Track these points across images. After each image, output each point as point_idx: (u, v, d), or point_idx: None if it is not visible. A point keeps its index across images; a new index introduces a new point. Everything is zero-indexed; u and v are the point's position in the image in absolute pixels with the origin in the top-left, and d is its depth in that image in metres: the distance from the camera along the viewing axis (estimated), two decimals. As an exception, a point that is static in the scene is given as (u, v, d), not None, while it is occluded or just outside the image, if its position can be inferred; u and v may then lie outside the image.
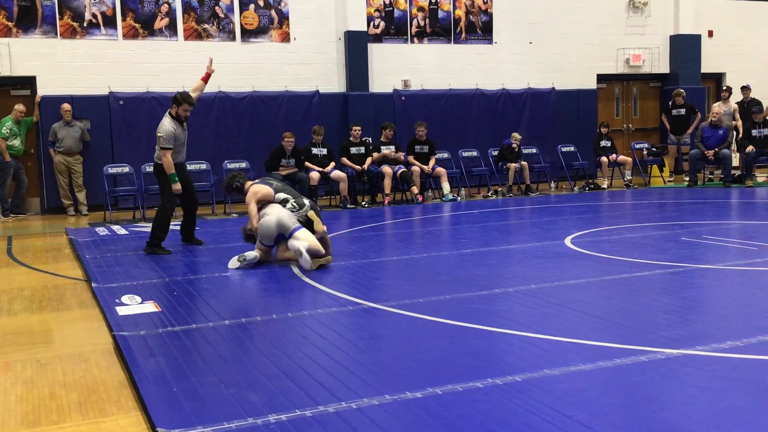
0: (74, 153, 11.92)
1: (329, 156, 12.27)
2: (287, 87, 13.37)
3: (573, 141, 14.84)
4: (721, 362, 3.82)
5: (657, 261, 6.53)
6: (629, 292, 5.57)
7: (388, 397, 3.39)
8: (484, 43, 14.84)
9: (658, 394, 3.41)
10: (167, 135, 7.69)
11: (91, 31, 12.29)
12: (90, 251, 8.00)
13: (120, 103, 12.38)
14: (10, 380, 4.01)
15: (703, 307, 5.20)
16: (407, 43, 14.31)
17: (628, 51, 15.86)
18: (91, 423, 3.36)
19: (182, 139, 7.89)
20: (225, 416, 3.23)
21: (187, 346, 4.42)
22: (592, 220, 9.89)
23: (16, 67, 11.90)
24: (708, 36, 16.37)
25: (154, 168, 8.02)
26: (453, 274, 6.38)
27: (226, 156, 12.50)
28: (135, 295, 5.72)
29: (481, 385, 3.51)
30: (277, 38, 13.43)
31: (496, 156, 13.83)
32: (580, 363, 3.79)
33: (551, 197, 12.93)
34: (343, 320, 4.98)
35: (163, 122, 7.79)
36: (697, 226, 8.70)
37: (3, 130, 11.55)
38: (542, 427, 3.03)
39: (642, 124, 16.58)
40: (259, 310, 5.44)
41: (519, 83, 14.95)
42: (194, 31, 12.89)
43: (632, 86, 16.49)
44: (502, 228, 9.59)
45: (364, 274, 6.51)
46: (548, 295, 5.37)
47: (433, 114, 14.06)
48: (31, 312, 5.67)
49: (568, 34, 15.31)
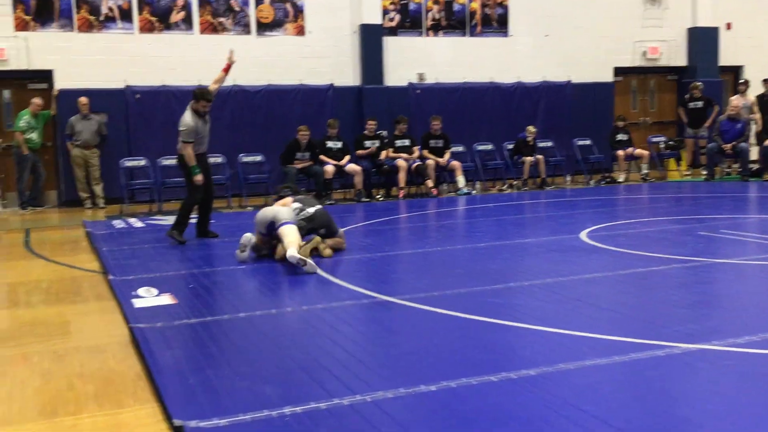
0: (91, 146, 12.00)
1: (344, 149, 12.27)
2: (302, 80, 13.38)
3: (589, 134, 14.74)
4: (737, 357, 3.79)
5: (673, 255, 6.48)
6: (645, 286, 5.54)
7: (403, 391, 3.40)
8: (500, 36, 14.77)
9: (673, 388, 3.40)
10: (188, 129, 7.79)
11: (107, 25, 12.35)
12: (107, 244, 8.06)
13: (136, 96, 12.44)
14: (27, 372, 4.06)
15: (719, 301, 5.16)
16: (422, 36, 14.28)
17: (645, 43, 15.73)
18: (108, 414, 3.39)
19: (203, 132, 7.99)
20: (240, 408, 3.25)
21: (203, 338, 4.45)
22: (607, 214, 9.84)
23: (33, 60, 11.98)
24: (726, 28, 16.19)
25: (178, 160, 8.17)
26: (467, 267, 6.37)
27: (242, 149, 12.53)
28: (151, 288, 5.76)
29: (496, 379, 3.51)
30: (293, 32, 13.44)
31: (511, 149, 13.78)
32: (595, 357, 3.78)
33: (567, 191, 12.87)
34: (358, 313, 4.99)
35: (184, 116, 7.91)
36: (715, 220, 8.63)
37: (21, 124, 11.64)
38: (557, 421, 3.03)
39: (659, 118, 16.45)
40: (274, 303, 5.46)
41: (534, 76, 14.87)
42: (210, 25, 12.93)
43: (649, 79, 16.36)
44: (517, 222, 9.56)
45: (378, 267, 6.52)
46: (563, 289, 5.36)
47: (447, 107, 14.02)
48: (48, 304, 5.72)
49: (584, 27, 15.20)
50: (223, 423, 3.10)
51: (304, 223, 6.88)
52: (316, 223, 6.99)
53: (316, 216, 7.02)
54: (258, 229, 6.88)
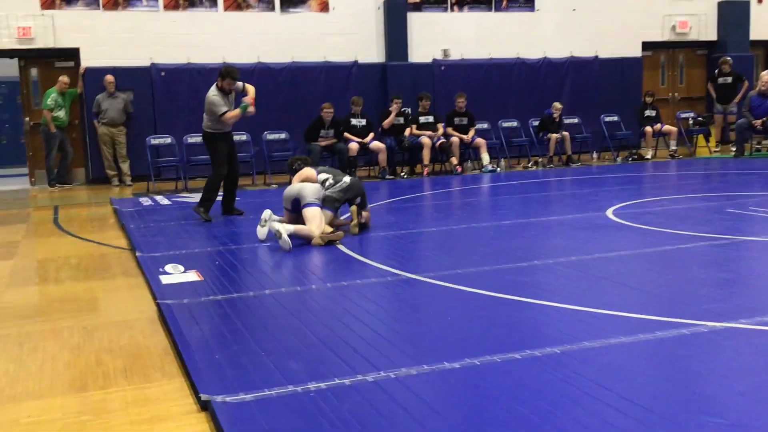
0: (118, 124, 12.08)
1: (368, 127, 12.24)
2: (326, 57, 13.33)
3: (616, 111, 14.55)
4: (764, 335, 3.76)
5: (701, 233, 6.41)
6: (672, 264, 5.50)
7: (426, 368, 3.41)
8: (526, 11, 14.58)
9: (699, 367, 3.38)
10: (217, 102, 7.87)
11: (132, 3, 12.38)
12: (134, 221, 8.15)
13: (162, 74, 12.49)
14: (58, 346, 4.13)
15: (747, 279, 5.11)
16: (447, 11, 14.13)
17: (675, 17, 15.43)
18: (136, 388, 3.45)
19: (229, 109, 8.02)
20: (266, 383, 3.29)
21: (229, 314, 4.49)
22: (634, 192, 9.75)
23: (60, 39, 12.05)
24: (757, 2, 15.84)
25: (203, 137, 8.25)
26: (492, 245, 6.36)
27: (266, 127, 12.54)
28: (178, 264, 5.82)
29: (519, 357, 3.51)
30: (316, 8, 13.37)
31: (536, 126, 13.65)
32: (620, 335, 3.76)
33: (593, 168, 12.75)
34: (382, 291, 5.00)
35: (208, 94, 7.99)
36: (744, 197, 8.51)
37: (48, 102, 11.75)
38: (581, 398, 3.03)
39: (688, 93, 16.19)
40: (298, 281, 5.49)
41: (561, 52, 14.67)
42: (234, 2, 12.90)
43: (678, 54, 16.08)
44: (542, 199, 9.50)
45: (403, 245, 6.52)
46: (588, 268, 5.33)
47: (472, 84, 13.90)
48: (77, 280, 5.81)
49: (611, 1, 14.93)
50: (249, 398, 3.14)
51: (342, 194, 6.88)
52: (354, 191, 6.97)
53: (353, 185, 7.00)
54: (284, 205, 6.91)
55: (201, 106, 8.12)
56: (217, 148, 8.09)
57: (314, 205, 6.60)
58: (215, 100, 7.91)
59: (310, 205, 6.58)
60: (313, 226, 6.45)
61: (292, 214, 6.81)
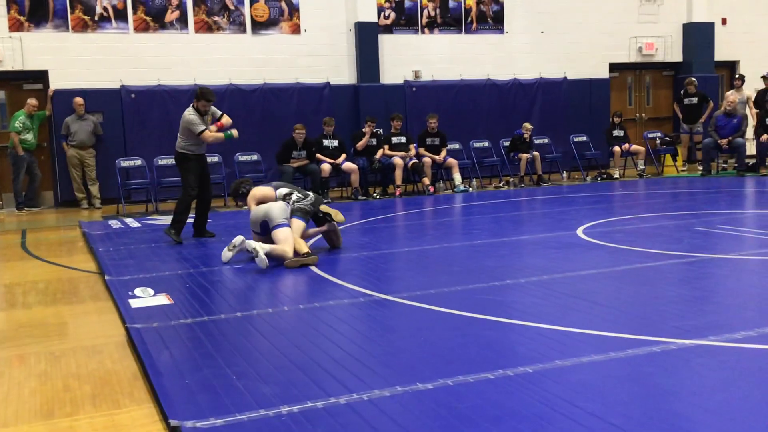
0: (87, 146, 11.98)
1: (340, 148, 12.26)
2: (298, 79, 13.37)
3: (585, 131, 14.76)
4: (734, 352, 3.80)
5: (670, 251, 6.49)
6: (642, 282, 5.55)
7: (400, 389, 3.40)
8: (496, 33, 14.77)
9: (670, 384, 3.40)
10: (194, 120, 7.89)
11: (102, 25, 12.33)
12: (103, 244, 8.05)
13: (132, 96, 12.42)
14: (24, 373, 4.05)
15: (716, 297, 5.17)
16: (418, 33, 14.27)
17: (641, 39, 15.74)
18: (105, 415, 3.39)
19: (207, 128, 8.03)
20: (237, 408, 3.25)
21: (199, 338, 4.44)
22: (604, 211, 9.85)
23: (28, 61, 11.95)
24: (721, 24, 16.21)
25: (176, 157, 8.24)
26: (464, 265, 6.38)
27: (238, 148, 12.51)
28: (148, 288, 5.75)
29: (493, 377, 3.51)
30: (288, 30, 13.43)
31: (507, 146, 13.78)
32: (592, 354, 3.78)
33: (563, 187, 12.88)
34: (355, 312, 4.99)
35: (185, 113, 8.02)
36: (711, 215, 8.64)
37: (16, 124, 11.62)
38: (554, 418, 3.03)
39: (655, 113, 16.47)
40: (270, 302, 5.46)
41: (531, 73, 14.88)
42: (205, 24, 12.91)
43: (645, 75, 16.37)
44: (514, 219, 9.56)
45: (375, 265, 6.52)
46: (560, 286, 5.36)
47: (443, 105, 14.02)
48: (45, 305, 5.71)
49: (580, 23, 15.21)
50: (220, 423, 3.10)
51: (312, 208, 6.96)
52: (318, 203, 7.07)
53: (318, 200, 7.11)
54: (253, 229, 6.87)
55: (172, 128, 8.11)
56: (189, 168, 8.06)
57: (284, 225, 6.57)
58: (192, 119, 7.90)
59: (280, 226, 6.55)
60: (287, 246, 6.42)
61: (261, 237, 6.77)
